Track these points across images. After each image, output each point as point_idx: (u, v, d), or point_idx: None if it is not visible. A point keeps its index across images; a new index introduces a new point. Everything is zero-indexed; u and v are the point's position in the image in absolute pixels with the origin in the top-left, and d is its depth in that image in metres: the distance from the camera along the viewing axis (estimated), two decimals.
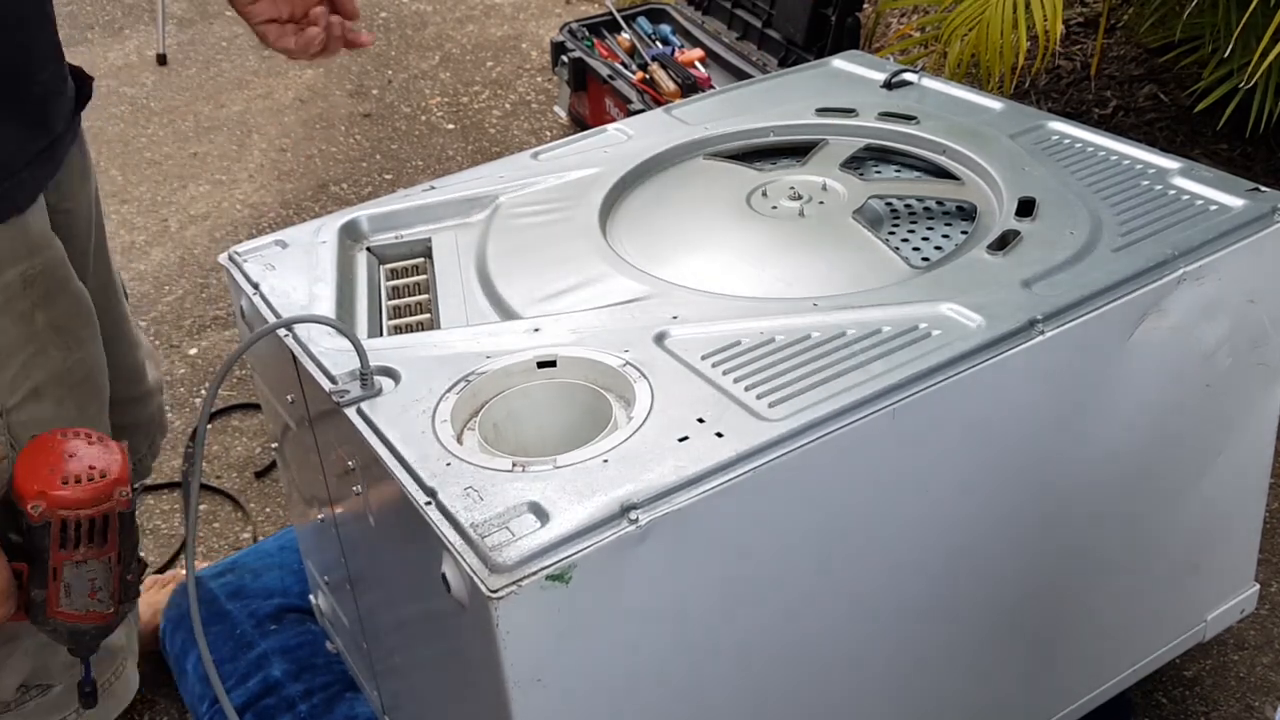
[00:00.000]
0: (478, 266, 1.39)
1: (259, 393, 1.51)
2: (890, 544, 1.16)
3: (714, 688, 1.10)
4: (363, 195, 3.20)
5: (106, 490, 1.03)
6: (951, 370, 1.12)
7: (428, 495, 1.02)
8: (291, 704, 1.62)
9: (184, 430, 2.42)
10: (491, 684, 0.98)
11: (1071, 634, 1.42)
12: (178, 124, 3.65)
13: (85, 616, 1.07)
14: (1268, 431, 1.47)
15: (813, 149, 1.59)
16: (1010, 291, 1.21)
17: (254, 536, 2.15)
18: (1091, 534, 1.36)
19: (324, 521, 1.41)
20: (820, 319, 1.19)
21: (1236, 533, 1.54)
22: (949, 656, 1.29)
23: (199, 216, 3.17)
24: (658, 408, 1.08)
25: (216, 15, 4.34)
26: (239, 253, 1.44)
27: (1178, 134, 2.98)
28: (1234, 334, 1.35)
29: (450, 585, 0.97)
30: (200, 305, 2.81)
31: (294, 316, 1.28)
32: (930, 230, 1.42)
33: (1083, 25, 3.45)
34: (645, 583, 1.00)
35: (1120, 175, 1.42)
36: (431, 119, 3.60)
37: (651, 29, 3.30)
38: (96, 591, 1.06)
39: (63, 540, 1.02)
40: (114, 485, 1.03)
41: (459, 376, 1.16)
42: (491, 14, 4.26)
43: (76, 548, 1.02)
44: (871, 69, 1.78)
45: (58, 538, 1.01)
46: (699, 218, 1.47)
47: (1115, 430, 1.30)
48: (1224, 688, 1.76)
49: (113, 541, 1.04)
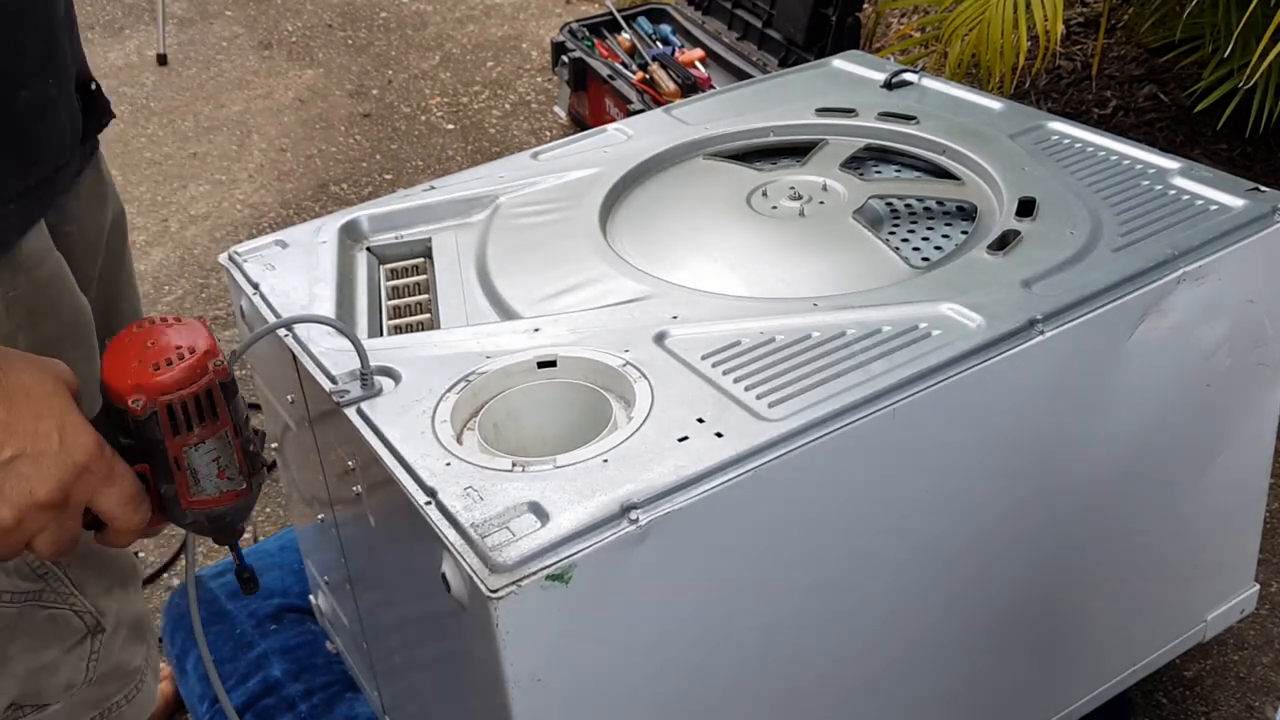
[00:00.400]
0: (478, 266, 1.39)
1: (259, 393, 1.51)
2: (890, 544, 1.16)
3: (714, 688, 1.10)
4: (363, 195, 3.21)
5: (201, 364, 0.98)
6: (951, 370, 1.12)
7: (428, 495, 1.02)
8: (291, 704, 1.62)
9: None
10: (491, 684, 0.98)
11: (1071, 634, 1.42)
12: (178, 124, 3.65)
13: (221, 498, 1.03)
14: (1268, 431, 1.47)
15: (813, 149, 1.59)
16: (1010, 291, 1.21)
17: (254, 536, 2.15)
18: (1091, 534, 1.36)
19: (324, 521, 1.41)
20: (820, 319, 1.19)
21: (1236, 533, 1.54)
22: (949, 656, 1.29)
23: (199, 216, 3.17)
24: (658, 408, 1.08)
25: (216, 15, 4.34)
26: (239, 253, 1.44)
27: (1178, 134, 2.98)
28: (1234, 334, 1.35)
29: (450, 585, 0.97)
30: (200, 305, 2.81)
31: (294, 316, 1.28)
32: (930, 230, 1.42)
33: (1083, 25, 3.45)
34: (645, 583, 1.00)
35: (1120, 175, 1.42)
36: (431, 119, 3.60)
37: (651, 29, 3.30)
38: (225, 470, 1.02)
39: (173, 426, 0.98)
40: (206, 357, 0.99)
41: (459, 376, 1.16)
42: (491, 14, 4.26)
43: (190, 430, 0.98)
44: (871, 69, 1.78)
45: (168, 425, 0.98)
46: (699, 218, 1.47)
47: (1115, 430, 1.30)
48: (1224, 688, 1.76)
49: (223, 415, 1.00)
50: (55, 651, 1.22)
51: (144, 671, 1.34)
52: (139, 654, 1.31)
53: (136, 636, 1.30)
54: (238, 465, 1.03)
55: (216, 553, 2.11)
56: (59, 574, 1.19)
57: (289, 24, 4.26)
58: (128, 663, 1.30)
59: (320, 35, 4.17)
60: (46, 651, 1.21)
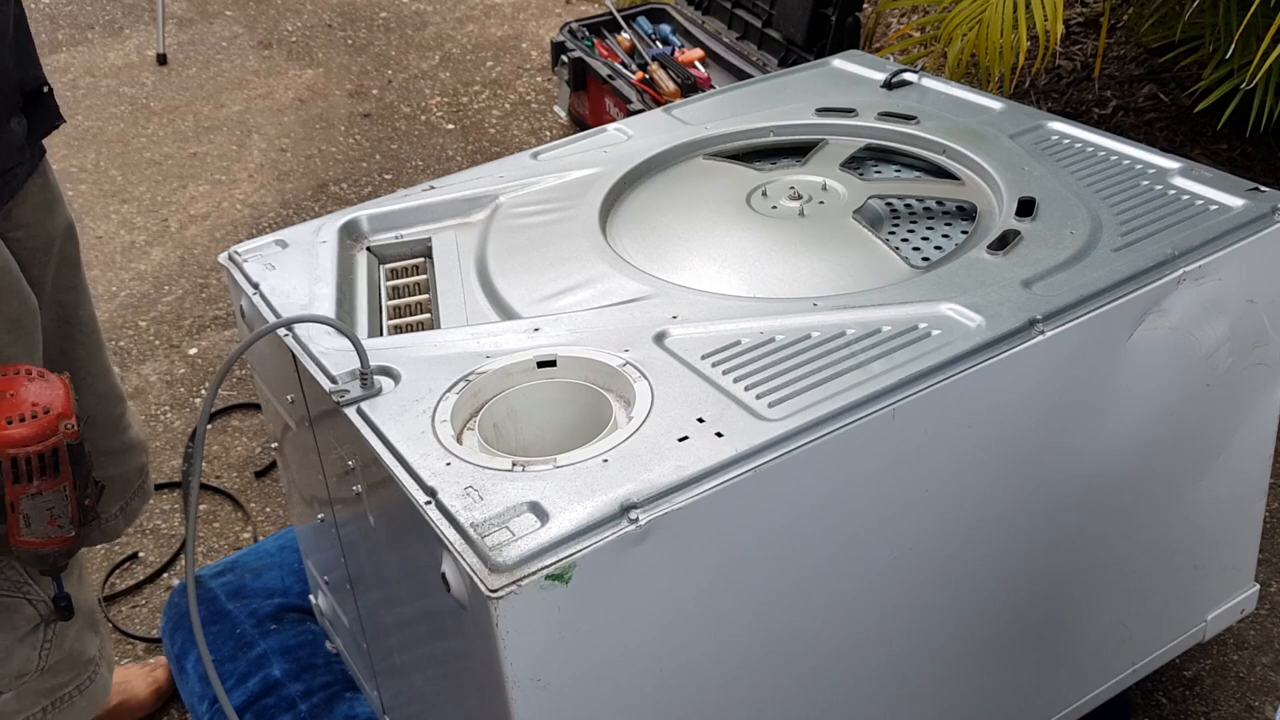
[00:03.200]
0: (478, 266, 1.39)
1: (259, 392, 1.51)
2: (890, 544, 1.16)
3: (714, 687, 1.10)
4: (363, 195, 3.20)
5: (51, 425, 1.04)
6: (951, 370, 1.12)
7: (428, 495, 1.02)
8: (291, 703, 1.62)
9: (184, 430, 2.42)
10: (491, 684, 0.98)
11: (1072, 634, 1.42)
12: (178, 124, 3.65)
13: (48, 542, 1.09)
14: (1268, 431, 1.47)
15: (813, 149, 1.59)
16: (1010, 291, 1.21)
17: (254, 536, 2.15)
18: (1091, 534, 1.36)
19: (324, 521, 1.41)
20: (820, 319, 1.19)
21: (1236, 533, 1.54)
22: (948, 656, 1.29)
23: (199, 216, 3.17)
24: (658, 407, 1.08)
25: (216, 15, 4.34)
26: (239, 252, 1.44)
27: (1178, 134, 2.98)
28: (1234, 334, 1.35)
29: (450, 585, 0.97)
30: (200, 305, 2.81)
31: (294, 316, 1.28)
32: (930, 230, 1.42)
33: (1083, 25, 3.45)
34: (645, 582, 1.00)
35: (1120, 175, 1.42)
36: (431, 119, 3.60)
37: (651, 29, 3.30)
38: (56, 519, 1.08)
39: (15, 476, 1.04)
40: (58, 419, 1.05)
41: (459, 376, 1.16)
42: (491, 14, 4.26)
43: (30, 481, 1.05)
44: (871, 69, 1.78)
45: (9, 473, 1.04)
46: (699, 217, 1.47)
47: (1115, 430, 1.30)
48: (1224, 688, 1.76)
49: (65, 472, 1.07)
50: (7, 639, 1.23)
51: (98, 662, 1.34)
52: (92, 644, 1.32)
53: (90, 627, 1.31)
54: (69, 516, 1.09)
55: (216, 553, 2.11)
56: (11, 563, 1.20)
57: (289, 24, 4.26)
58: (81, 653, 1.31)
59: (320, 35, 4.16)
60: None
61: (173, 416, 2.46)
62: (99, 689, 1.35)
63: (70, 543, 1.12)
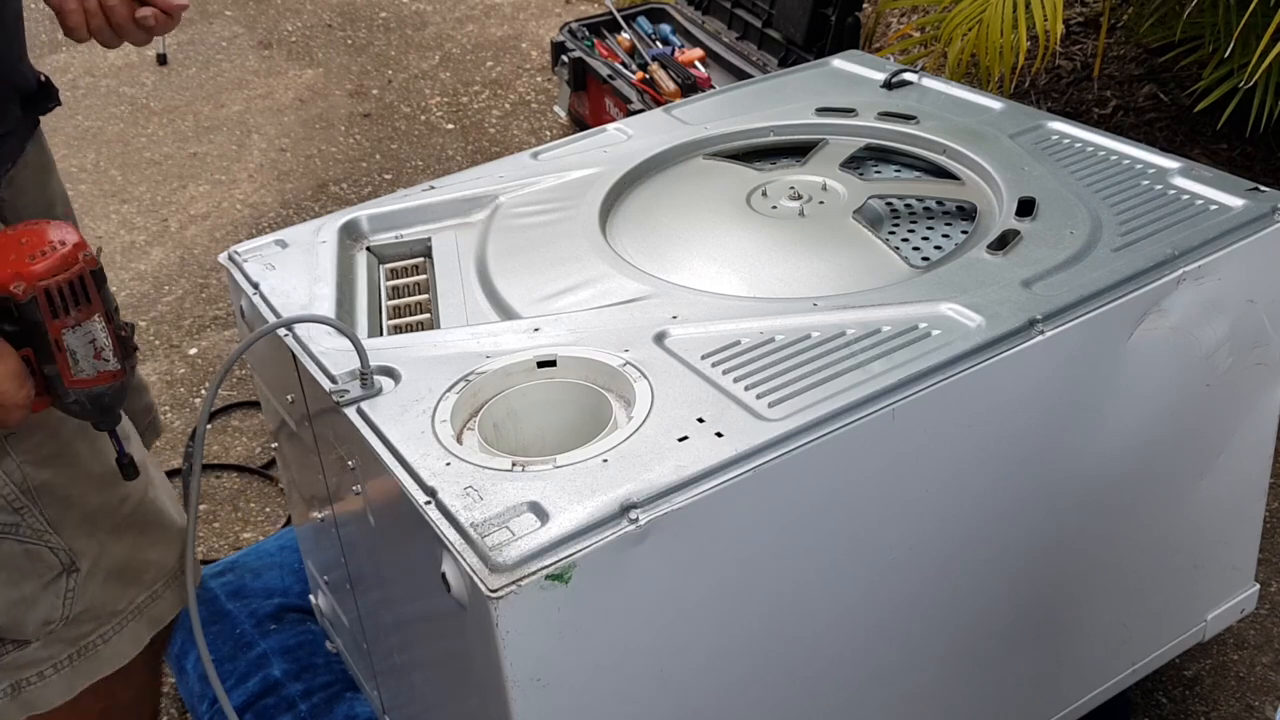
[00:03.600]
0: (478, 266, 1.39)
1: (259, 392, 1.51)
2: (890, 543, 1.16)
3: (714, 687, 1.10)
4: (363, 195, 3.21)
5: (72, 255, 1.11)
6: (951, 370, 1.12)
7: (427, 495, 1.02)
8: (291, 703, 1.62)
9: (184, 430, 2.42)
10: (491, 684, 0.98)
11: (1072, 634, 1.42)
12: (178, 124, 3.65)
13: (99, 378, 1.15)
14: (1268, 431, 1.47)
15: (813, 149, 1.59)
16: (1010, 291, 1.21)
17: (254, 536, 2.15)
18: (1091, 534, 1.36)
19: (324, 521, 1.41)
20: (820, 319, 1.19)
21: (1236, 533, 1.54)
22: (949, 656, 1.29)
23: (199, 216, 3.17)
24: (658, 407, 1.08)
25: (216, 15, 4.35)
26: (239, 252, 1.44)
27: (1178, 134, 2.98)
28: (1234, 334, 1.35)
29: (450, 585, 0.97)
30: (200, 305, 2.81)
31: (294, 316, 1.28)
32: (930, 230, 1.42)
33: (1083, 25, 3.45)
34: (645, 582, 1.00)
35: (1120, 175, 1.42)
36: (431, 119, 3.60)
37: (651, 29, 3.30)
38: (100, 352, 1.15)
39: (52, 310, 1.11)
40: (76, 249, 1.11)
41: (459, 376, 1.16)
42: (491, 14, 4.26)
43: (67, 313, 1.11)
44: (871, 69, 1.78)
45: (47, 308, 1.10)
46: (699, 217, 1.47)
47: (1115, 430, 1.30)
48: (1224, 687, 1.76)
49: (95, 301, 1.13)
50: (32, 586, 1.26)
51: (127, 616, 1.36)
52: (121, 598, 1.34)
53: (119, 580, 1.33)
54: (112, 348, 1.15)
55: (216, 553, 2.11)
56: (34, 511, 1.24)
57: (289, 24, 4.26)
58: (106, 605, 1.32)
59: (320, 35, 4.16)
60: (24, 584, 1.25)
61: (173, 416, 2.46)
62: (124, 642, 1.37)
63: (119, 377, 1.17)
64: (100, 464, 1.26)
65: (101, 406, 1.18)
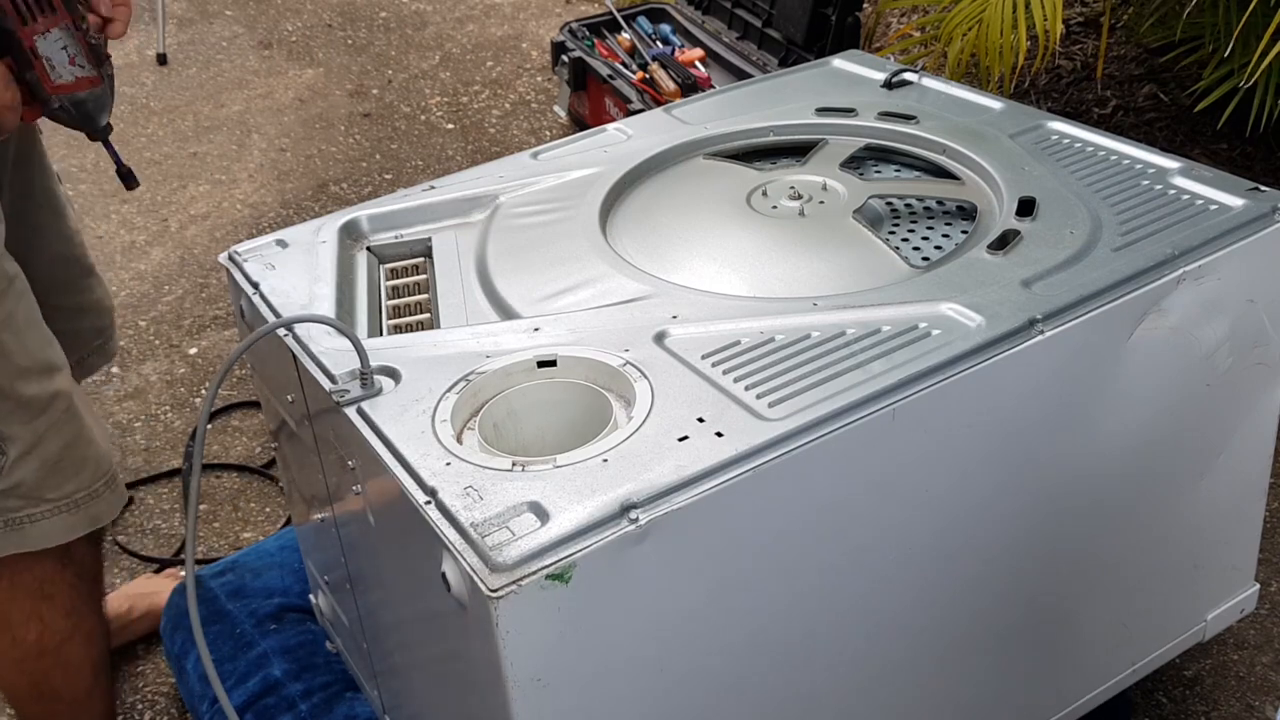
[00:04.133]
0: (478, 266, 1.39)
1: (259, 392, 1.51)
2: (890, 544, 1.16)
3: (714, 687, 1.10)
4: (363, 195, 3.21)
5: None
6: (951, 370, 1.12)
7: (427, 495, 1.02)
8: (291, 703, 1.62)
9: (184, 430, 2.42)
10: (491, 684, 0.98)
11: (1072, 633, 1.42)
12: (178, 124, 3.65)
13: (78, 83, 1.28)
14: (1268, 431, 1.47)
15: (813, 149, 1.59)
16: (1010, 291, 1.21)
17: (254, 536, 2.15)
18: (1091, 534, 1.36)
19: (324, 521, 1.41)
20: (820, 319, 1.19)
21: (1236, 532, 1.54)
22: (948, 655, 1.29)
23: (199, 216, 3.17)
24: (658, 407, 1.08)
25: (216, 15, 4.35)
26: (239, 252, 1.44)
27: (1178, 134, 2.98)
28: (1234, 334, 1.35)
29: (450, 585, 0.97)
30: (200, 305, 2.81)
31: (294, 316, 1.28)
32: (930, 230, 1.42)
33: (1083, 25, 3.45)
34: (645, 582, 1.00)
35: (1120, 175, 1.42)
36: (431, 119, 3.60)
37: (651, 29, 3.30)
38: (74, 58, 1.27)
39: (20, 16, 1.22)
40: None
41: (459, 376, 1.16)
42: (491, 14, 4.26)
43: (35, 20, 1.23)
44: (871, 69, 1.78)
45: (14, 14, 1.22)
46: (699, 217, 1.47)
47: (1115, 430, 1.30)
48: (1224, 687, 1.76)
49: (60, 9, 1.25)
50: None
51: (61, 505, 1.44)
52: (54, 489, 1.42)
53: (54, 471, 1.41)
54: (84, 54, 1.27)
55: (216, 553, 2.11)
56: None
57: (289, 24, 4.26)
58: (36, 490, 1.41)
59: (320, 35, 4.16)
60: None
61: (173, 416, 2.46)
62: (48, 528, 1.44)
63: (96, 83, 1.29)
64: (28, 358, 1.35)
65: (85, 113, 1.30)
